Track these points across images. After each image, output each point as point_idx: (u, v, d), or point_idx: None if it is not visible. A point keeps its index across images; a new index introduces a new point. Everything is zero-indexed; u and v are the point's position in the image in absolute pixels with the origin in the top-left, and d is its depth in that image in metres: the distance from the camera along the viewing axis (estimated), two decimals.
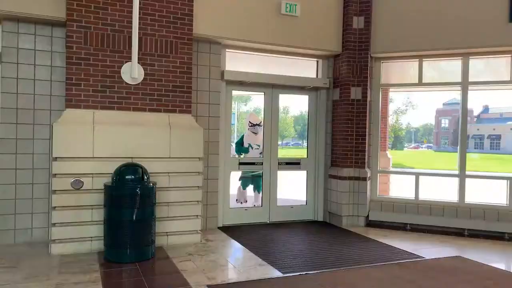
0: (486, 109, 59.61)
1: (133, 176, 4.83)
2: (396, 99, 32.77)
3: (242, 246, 5.47)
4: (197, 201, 5.60)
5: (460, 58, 6.79)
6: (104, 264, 4.63)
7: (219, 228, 6.43)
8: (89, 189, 5.02)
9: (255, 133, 7.85)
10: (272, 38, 6.52)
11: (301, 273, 4.43)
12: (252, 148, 7.79)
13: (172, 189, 5.42)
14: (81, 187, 4.99)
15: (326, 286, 4.08)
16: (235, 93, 7.01)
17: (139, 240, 4.76)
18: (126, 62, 5.34)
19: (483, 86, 7.16)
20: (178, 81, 5.65)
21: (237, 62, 6.77)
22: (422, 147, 52.29)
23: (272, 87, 7.00)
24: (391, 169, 9.48)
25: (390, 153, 10.48)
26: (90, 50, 5.20)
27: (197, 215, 5.60)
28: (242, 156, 7.67)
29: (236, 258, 5.09)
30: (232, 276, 4.32)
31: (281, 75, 6.90)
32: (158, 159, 5.36)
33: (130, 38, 5.31)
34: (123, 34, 5.33)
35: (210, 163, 6.35)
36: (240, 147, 7.87)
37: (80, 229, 5.00)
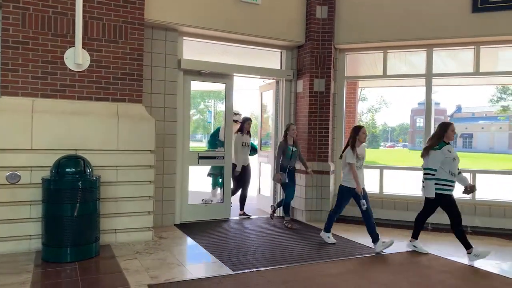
0: (459, 108, 61.13)
1: (74, 169, 4.48)
2: (370, 97, 33.12)
3: (196, 244, 5.18)
4: (149, 196, 5.27)
5: (424, 49, 6.68)
6: (41, 264, 4.26)
7: (176, 225, 6.11)
8: (26, 183, 4.62)
9: (236, 121, 7.33)
10: (232, 26, 6.25)
11: (252, 270, 4.17)
12: None
13: (121, 184, 5.08)
14: (18, 181, 4.59)
15: (275, 283, 3.84)
16: (207, 87, 6.70)
17: (80, 238, 4.41)
18: (70, 47, 4.97)
19: (447, 78, 7.09)
20: (128, 68, 5.31)
21: (196, 51, 6.47)
22: (398, 146, 53.13)
23: (234, 78, 6.73)
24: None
25: None
26: (29, 33, 4.80)
27: (148, 212, 5.27)
28: (217, 151, 7.11)
29: (187, 256, 4.79)
30: (178, 274, 4.02)
31: (243, 65, 6.64)
32: (105, 152, 5.00)
33: (74, 21, 4.94)
34: (66, 17, 4.95)
35: (166, 157, 6.03)
36: (216, 139, 7.07)
37: (17, 227, 4.60)
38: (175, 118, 6.10)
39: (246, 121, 7.01)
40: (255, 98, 8.45)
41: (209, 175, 7.35)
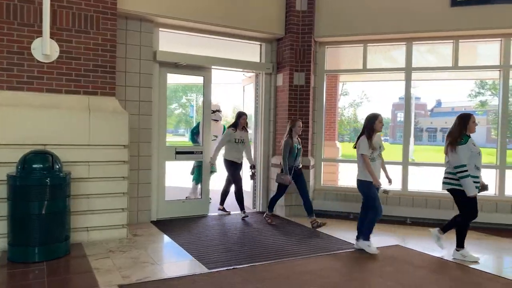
0: (439, 103, 62.04)
1: (41, 165, 4.26)
2: (352, 92, 33.26)
3: (172, 241, 5.04)
4: (123, 193, 5.09)
5: (404, 43, 6.64)
6: (7, 265, 4.06)
7: (152, 222, 5.95)
8: None
9: (216, 120, 7.29)
10: (210, 18, 6.08)
11: (228, 268, 4.06)
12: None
13: (93, 180, 4.89)
14: None
15: (251, 281, 3.74)
16: (186, 81, 6.52)
17: (49, 237, 4.22)
18: (37, 37, 4.73)
19: (427, 72, 7.08)
20: (100, 60, 5.10)
21: (174, 43, 6.28)
22: None
23: (212, 70, 6.57)
24: (340, 158, 9.36)
25: (339, 144, 10.38)
26: None
27: (122, 209, 5.10)
28: (195, 145, 6.96)
29: (162, 254, 4.65)
30: (151, 274, 3.88)
31: (220, 58, 6.48)
32: (75, 147, 4.80)
33: (41, 10, 4.69)
34: (33, 5, 4.70)
35: (142, 152, 5.85)
36: (195, 136, 7.18)
37: None
38: (151, 112, 5.92)
39: (241, 116, 6.57)
40: (238, 92, 8.30)
41: (192, 172, 7.20)
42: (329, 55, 7.09)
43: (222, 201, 6.88)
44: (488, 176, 4.64)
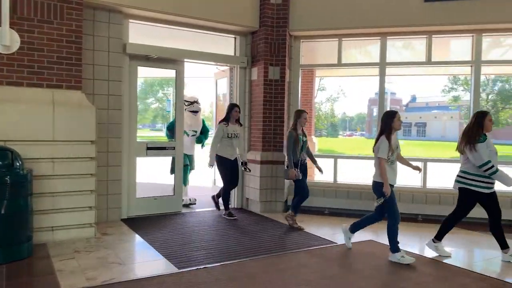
0: (413, 98, 63.29)
1: (0, 162, 4.04)
2: (328, 87, 33.52)
3: (142, 240, 4.88)
4: (90, 190, 4.90)
5: (379, 38, 6.63)
6: None
7: (122, 220, 5.77)
8: None
9: (195, 112, 6.96)
10: (182, 9, 5.90)
11: (199, 267, 3.95)
12: (188, 135, 6.90)
13: (58, 177, 4.67)
14: None
15: (222, 280, 3.64)
16: (160, 74, 6.28)
17: (9, 238, 4.01)
18: None
19: (401, 67, 7.11)
20: (65, 52, 4.86)
21: (145, 35, 6.08)
22: (356, 135, 54.41)
23: (185, 64, 6.40)
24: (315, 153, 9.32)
25: (316, 138, 10.38)
26: None
27: (90, 207, 4.90)
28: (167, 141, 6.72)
29: (131, 254, 4.49)
30: (118, 274, 3.73)
31: (193, 51, 6.32)
32: (39, 143, 4.57)
33: None
34: None
35: (111, 147, 5.64)
36: (172, 133, 6.76)
37: None
38: (121, 106, 5.71)
39: (233, 108, 6.06)
40: (210, 87, 8.12)
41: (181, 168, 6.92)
42: (305, 50, 7.03)
43: (226, 206, 6.22)
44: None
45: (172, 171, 6.89)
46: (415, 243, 5.20)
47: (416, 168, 4.71)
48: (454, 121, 50.57)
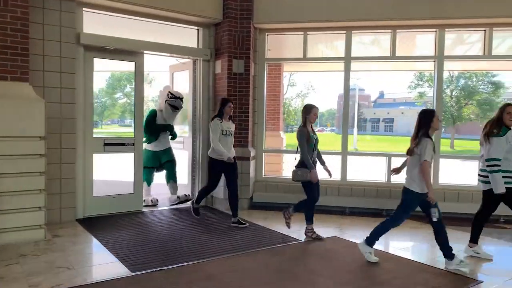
0: (381, 94, 64.62)
1: None
2: (298, 82, 33.58)
3: (97, 241, 4.61)
4: (39, 189, 4.58)
5: (344, 32, 6.56)
6: None
7: (78, 220, 5.45)
8: None
9: (175, 108, 6.44)
10: None
11: (154, 269, 3.74)
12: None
13: (3, 176, 4.34)
14: None
15: (178, 284, 3.45)
16: (119, 67, 5.94)
17: None
18: None
19: (366, 62, 7.09)
20: (9, 41, 4.50)
21: (103, 25, 5.76)
22: (326, 130, 55.01)
23: (144, 56, 6.12)
24: (283, 149, 9.26)
25: (283, 134, 10.28)
26: None
27: (39, 207, 4.58)
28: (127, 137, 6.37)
29: (82, 257, 4.20)
30: (65, 280, 3.46)
31: (153, 42, 6.04)
32: None
33: None
34: None
35: (64, 144, 5.31)
36: (152, 128, 6.42)
37: None
38: (74, 100, 5.38)
39: (227, 103, 5.50)
40: (165, 80, 7.81)
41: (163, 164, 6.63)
42: (272, 43, 6.88)
43: (234, 210, 5.59)
44: None
45: (169, 178, 6.63)
46: (381, 239, 5.16)
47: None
48: None
